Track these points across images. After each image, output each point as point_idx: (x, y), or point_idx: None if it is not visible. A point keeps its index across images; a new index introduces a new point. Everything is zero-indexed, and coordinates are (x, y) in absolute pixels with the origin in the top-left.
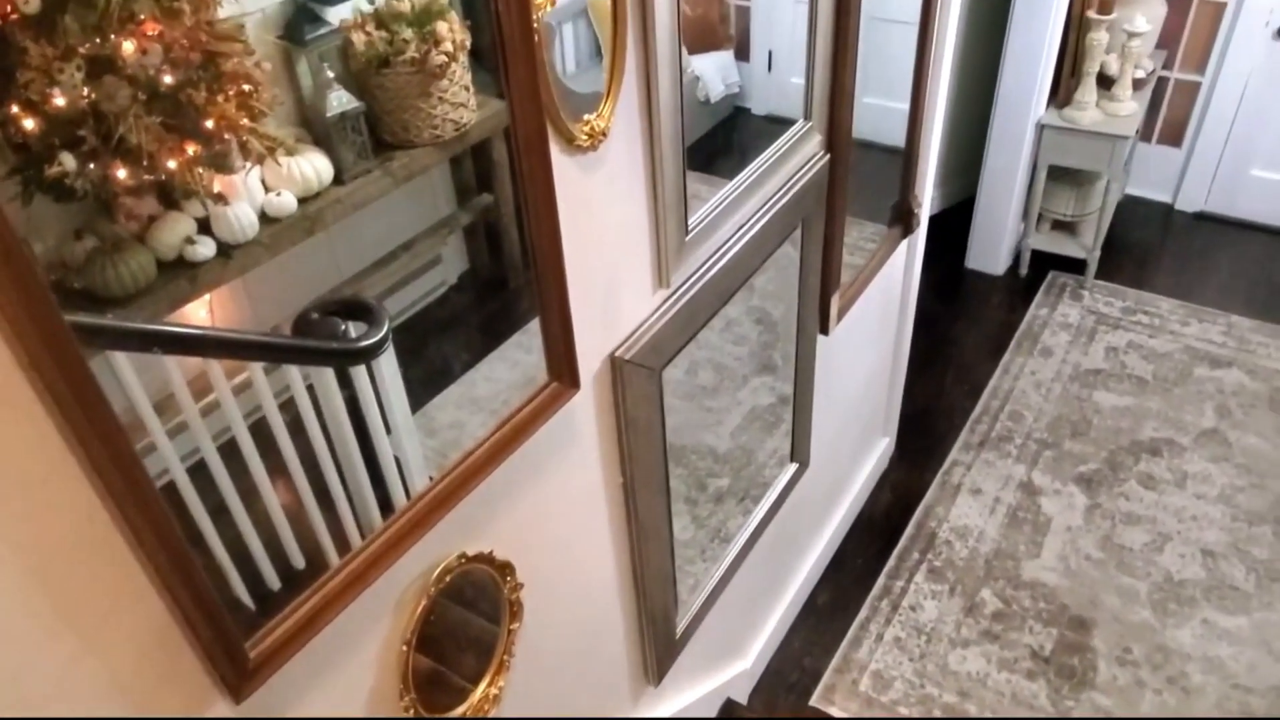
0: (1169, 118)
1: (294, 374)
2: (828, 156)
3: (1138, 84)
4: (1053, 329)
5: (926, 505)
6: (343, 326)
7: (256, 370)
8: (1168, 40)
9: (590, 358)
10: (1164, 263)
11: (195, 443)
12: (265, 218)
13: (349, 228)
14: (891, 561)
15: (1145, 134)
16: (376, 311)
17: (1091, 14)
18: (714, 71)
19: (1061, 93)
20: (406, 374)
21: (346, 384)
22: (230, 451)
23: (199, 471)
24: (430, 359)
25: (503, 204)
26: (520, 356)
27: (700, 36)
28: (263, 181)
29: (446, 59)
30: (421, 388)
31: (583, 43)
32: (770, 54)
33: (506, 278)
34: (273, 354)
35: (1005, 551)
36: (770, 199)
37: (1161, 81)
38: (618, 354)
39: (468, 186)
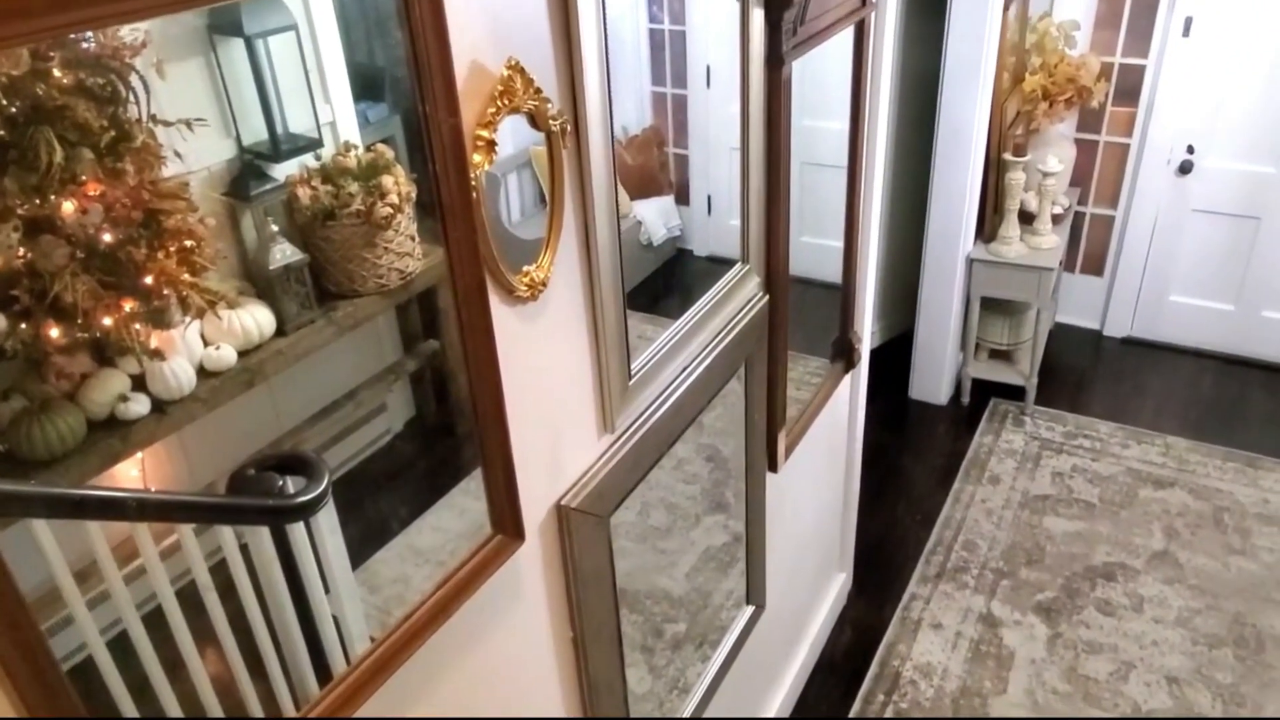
0: (1089, 249)
1: (227, 534)
2: (766, 297)
3: (1057, 219)
4: (999, 456)
5: (888, 643)
6: (280, 482)
7: (187, 532)
8: (1080, 178)
9: (535, 507)
10: (1099, 387)
11: (119, 612)
12: (204, 372)
13: (291, 379)
14: (856, 706)
15: (1069, 265)
16: (315, 465)
17: (1007, 156)
18: (655, 216)
19: (987, 228)
20: (349, 527)
21: (284, 542)
22: (156, 620)
23: (121, 643)
24: (374, 510)
25: (449, 350)
26: (468, 504)
27: (641, 183)
28: (202, 335)
29: (392, 211)
30: (365, 541)
31: (527, 191)
32: (709, 198)
33: (454, 423)
34: (204, 515)
35: (971, 689)
36: (713, 340)
37: (1079, 216)
38: (564, 502)
39: (414, 333)
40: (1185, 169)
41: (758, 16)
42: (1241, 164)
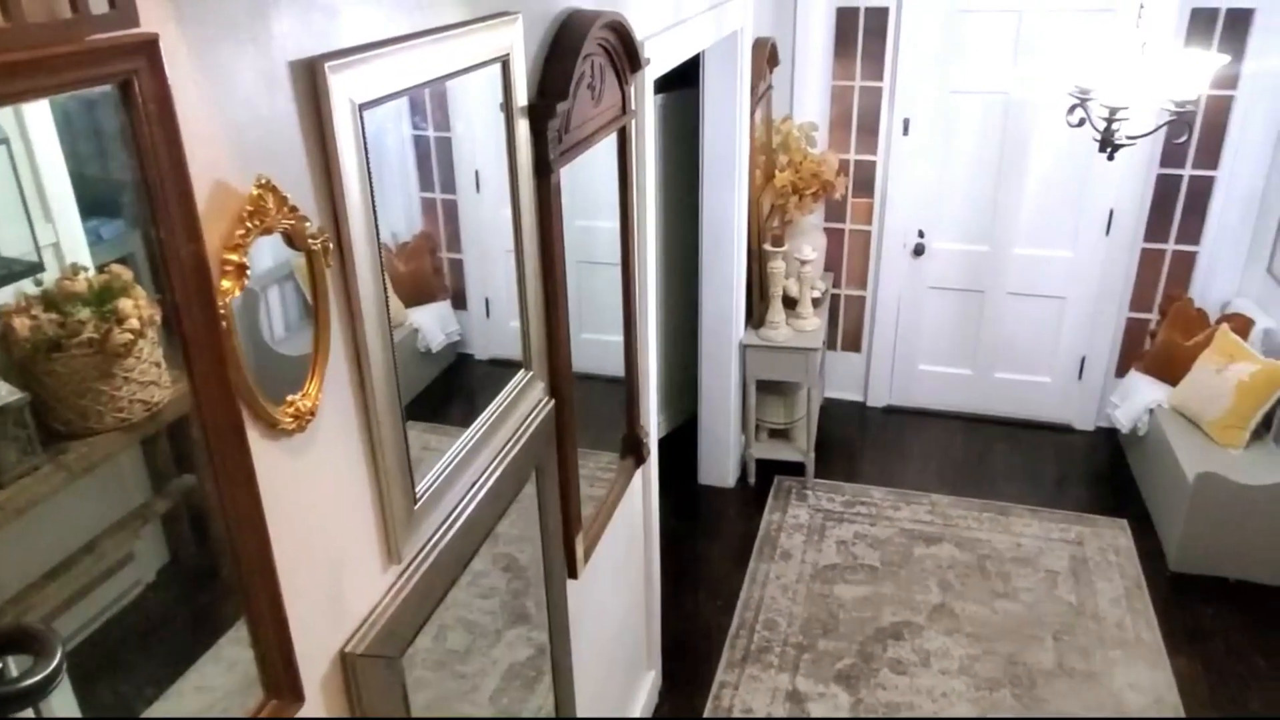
0: (846, 328)
1: None
2: (552, 402)
3: (816, 302)
4: (788, 531)
5: None
6: None
7: None
8: (833, 263)
9: (315, 660)
10: (868, 455)
11: None
12: None
13: (11, 537)
14: None
15: (831, 344)
16: (44, 638)
17: (767, 246)
18: (433, 322)
19: (756, 315)
20: (95, 701)
21: None
22: None
23: None
24: (125, 680)
25: (208, 484)
26: (239, 654)
27: (416, 290)
28: None
29: (132, 337)
30: (116, 715)
31: (291, 305)
32: (487, 301)
33: (217, 565)
34: None
35: None
36: (500, 452)
37: (835, 298)
38: (349, 649)
39: (165, 470)
40: (919, 251)
41: (523, 126)
42: (963, 244)
